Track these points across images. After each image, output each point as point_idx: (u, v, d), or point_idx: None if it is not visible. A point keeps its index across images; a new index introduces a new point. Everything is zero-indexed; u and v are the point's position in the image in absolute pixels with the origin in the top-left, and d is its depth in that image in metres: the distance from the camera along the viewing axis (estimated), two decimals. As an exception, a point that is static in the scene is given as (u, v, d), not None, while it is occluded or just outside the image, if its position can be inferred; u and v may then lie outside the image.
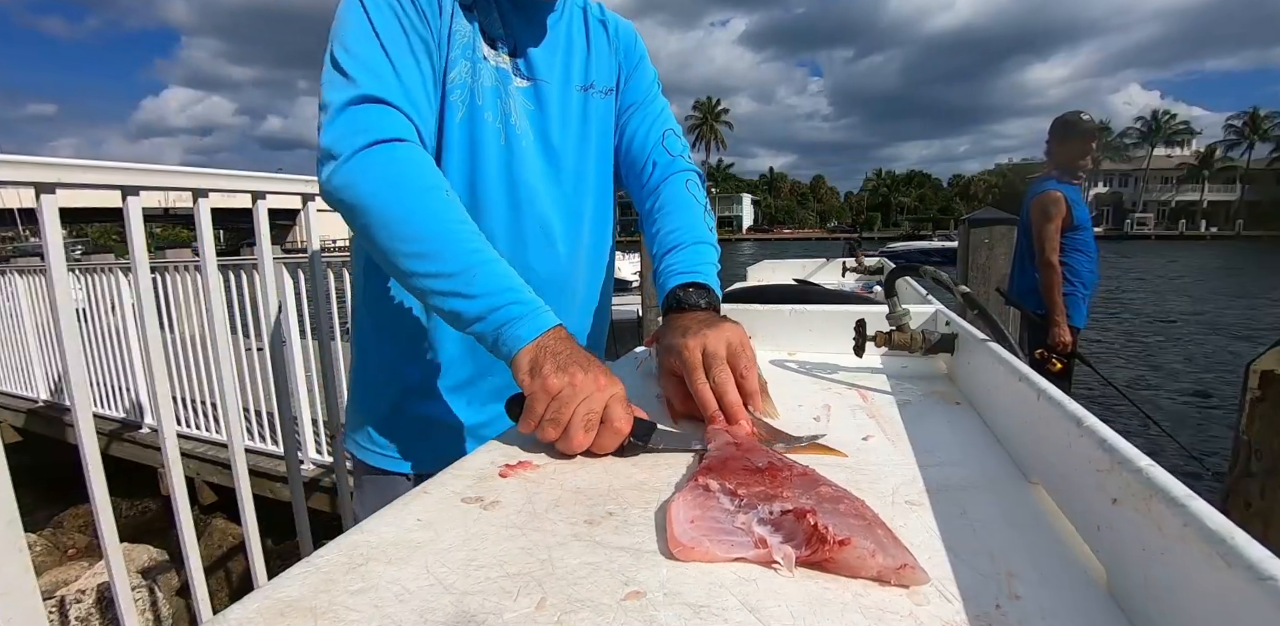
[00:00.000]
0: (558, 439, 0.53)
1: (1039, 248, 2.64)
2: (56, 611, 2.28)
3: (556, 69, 0.81)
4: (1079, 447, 0.40)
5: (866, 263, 2.84)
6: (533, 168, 0.78)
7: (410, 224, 0.60)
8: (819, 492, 0.41)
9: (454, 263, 0.59)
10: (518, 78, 0.77)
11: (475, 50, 0.73)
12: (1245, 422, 1.79)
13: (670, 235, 0.81)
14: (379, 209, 0.61)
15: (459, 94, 0.73)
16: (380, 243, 0.61)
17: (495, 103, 0.75)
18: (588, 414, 0.52)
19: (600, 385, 0.54)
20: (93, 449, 1.02)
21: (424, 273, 0.60)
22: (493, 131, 0.75)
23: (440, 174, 0.65)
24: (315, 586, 0.35)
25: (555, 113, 0.80)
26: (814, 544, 0.36)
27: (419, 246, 0.60)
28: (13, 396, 4.35)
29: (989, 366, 0.64)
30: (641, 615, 0.32)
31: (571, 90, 0.82)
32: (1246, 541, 0.25)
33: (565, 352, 0.56)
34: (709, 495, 0.43)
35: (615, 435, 0.53)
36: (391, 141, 0.63)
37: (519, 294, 0.60)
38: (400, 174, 0.62)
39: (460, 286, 0.59)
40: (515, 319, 0.58)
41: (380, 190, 0.61)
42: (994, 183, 72.79)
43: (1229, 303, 12.17)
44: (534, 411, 0.54)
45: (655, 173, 0.87)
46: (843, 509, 0.39)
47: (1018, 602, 0.33)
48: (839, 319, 0.94)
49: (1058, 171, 2.71)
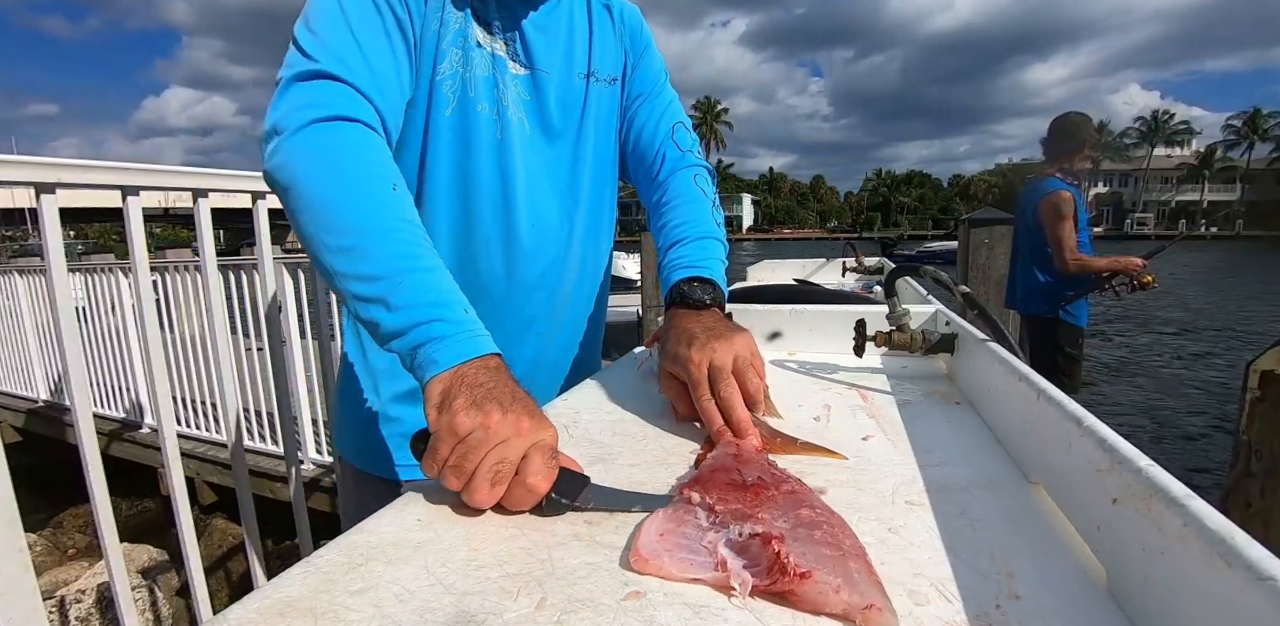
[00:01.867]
0: (462, 490, 0.44)
1: (1057, 249, 2.58)
2: (56, 611, 2.28)
3: (558, 57, 0.76)
4: (1079, 447, 0.40)
5: (866, 262, 2.84)
6: (529, 161, 0.74)
7: (340, 212, 0.53)
8: (798, 516, 0.39)
9: (381, 265, 0.52)
10: (515, 65, 0.73)
11: (468, 37, 0.69)
12: (1245, 422, 1.79)
13: (677, 229, 0.78)
14: (309, 190, 0.54)
15: (450, 85, 0.68)
16: (305, 230, 0.54)
17: (490, 93, 0.71)
18: (498, 464, 0.43)
19: (521, 429, 0.45)
20: (93, 449, 1.02)
21: (346, 272, 0.52)
22: (486, 123, 0.71)
23: (394, 166, 0.59)
24: (315, 586, 0.35)
25: (554, 102, 0.76)
26: (774, 573, 0.33)
27: (345, 240, 0.52)
28: (13, 396, 4.35)
29: (989, 366, 0.64)
30: (641, 615, 0.32)
31: (573, 78, 0.78)
32: (1246, 541, 0.25)
33: (486, 386, 0.47)
34: (689, 509, 0.41)
35: (527, 493, 0.43)
36: (341, 120, 0.57)
37: (448, 310, 0.51)
38: (342, 155, 0.56)
39: (383, 293, 0.51)
40: (436, 339, 0.49)
41: (315, 169, 0.54)
42: (994, 183, 72.78)
43: (1230, 303, 12.18)
44: (437, 453, 0.44)
45: (664, 167, 0.85)
46: (818, 536, 0.36)
47: (1018, 602, 0.33)
48: (839, 319, 0.94)
49: (1060, 171, 2.70)
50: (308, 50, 0.60)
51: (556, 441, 0.47)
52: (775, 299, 1.07)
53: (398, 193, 0.56)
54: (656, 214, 0.83)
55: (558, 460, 0.45)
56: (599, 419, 0.65)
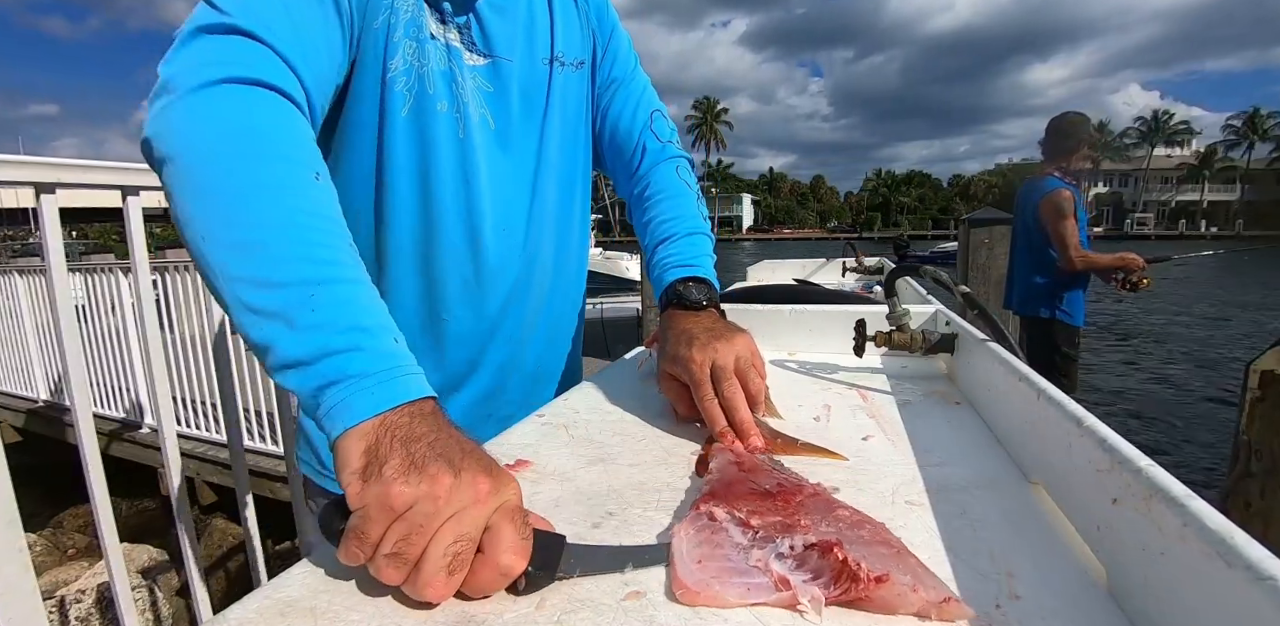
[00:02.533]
0: (403, 582, 0.33)
1: (1061, 247, 2.58)
2: (56, 611, 2.28)
3: (519, 43, 0.70)
4: (1079, 447, 0.40)
5: (866, 262, 2.84)
6: (493, 159, 0.69)
7: (240, 197, 0.41)
8: (838, 517, 0.37)
9: (287, 270, 0.40)
10: (472, 54, 0.66)
11: (421, 28, 0.62)
12: (1245, 422, 1.79)
13: (665, 225, 0.76)
14: (201, 166, 0.42)
15: (405, 82, 0.62)
16: (187, 213, 0.41)
17: (448, 89, 0.64)
18: (456, 543, 0.32)
19: (480, 493, 0.34)
20: (93, 449, 1.02)
21: (237, 274, 0.40)
22: (447, 123, 0.64)
23: (316, 150, 0.47)
24: (315, 586, 0.35)
25: (518, 92, 0.70)
26: (844, 582, 0.32)
27: (242, 233, 0.40)
28: (13, 396, 4.35)
29: (989, 366, 0.64)
30: (641, 615, 0.32)
31: (536, 65, 0.72)
32: (1246, 541, 0.25)
33: (426, 438, 0.36)
34: (716, 527, 0.38)
35: (499, 576, 0.33)
36: (254, 84, 0.46)
37: (371, 338, 0.39)
38: (251, 127, 0.44)
39: (286, 306, 0.39)
40: (354, 378, 0.37)
41: (213, 141, 0.43)
42: (994, 183, 72.83)
43: (1230, 303, 12.18)
44: (365, 536, 0.33)
45: (645, 159, 0.81)
46: (867, 536, 0.35)
47: (1018, 602, 0.33)
48: (839, 319, 0.94)
49: (1058, 170, 2.70)
50: (218, 3, 0.48)
51: (521, 498, 0.37)
52: (775, 299, 1.07)
53: (320, 183, 0.44)
54: (640, 208, 0.80)
55: (529, 524, 0.36)
56: (599, 419, 0.65)
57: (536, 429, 0.62)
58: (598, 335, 5.12)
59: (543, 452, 0.55)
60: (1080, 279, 2.69)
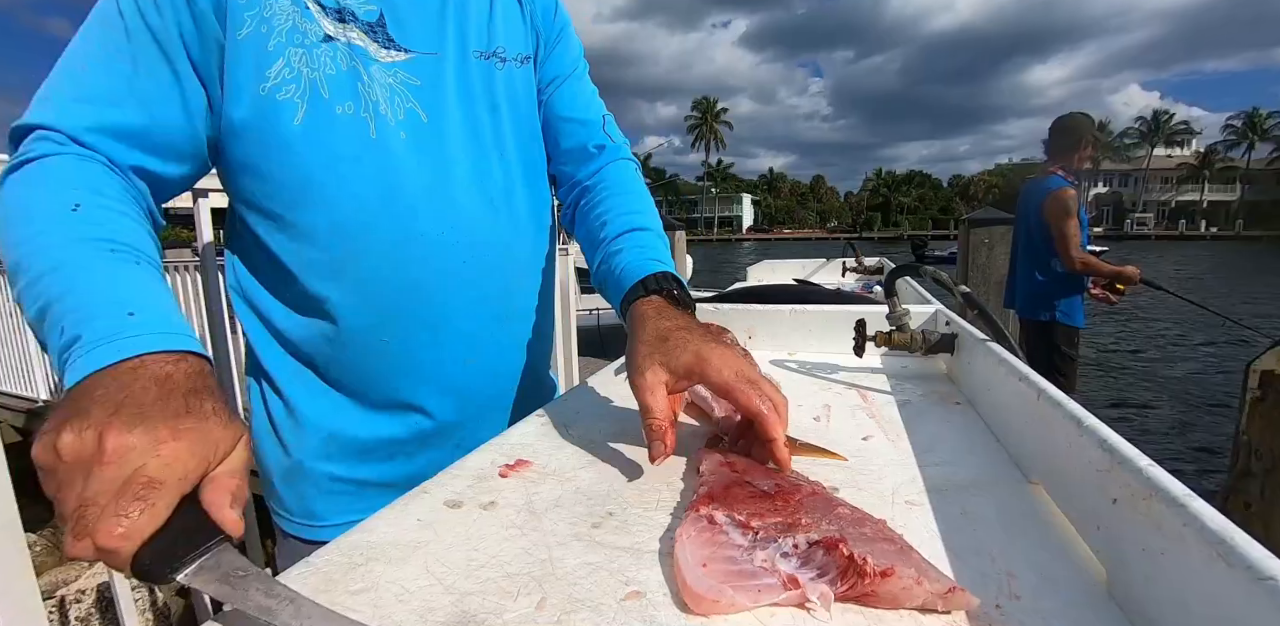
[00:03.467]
0: None
1: (1063, 245, 2.58)
2: (56, 611, 2.28)
3: (449, 36, 0.66)
4: (1079, 447, 0.40)
5: (866, 262, 2.84)
6: (429, 157, 0.64)
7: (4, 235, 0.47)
8: (839, 515, 0.37)
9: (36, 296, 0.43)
10: (389, 51, 0.63)
11: (307, 34, 0.59)
12: (1245, 422, 1.79)
13: (633, 216, 0.71)
14: None
15: (292, 91, 0.59)
16: None
17: (351, 90, 0.60)
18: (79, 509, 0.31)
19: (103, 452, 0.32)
20: (93, 449, 1.02)
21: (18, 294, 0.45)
22: (353, 126, 0.61)
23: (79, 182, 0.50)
24: (315, 586, 0.35)
25: (451, 87, 0.66)
26: (850, 577, 0.32)
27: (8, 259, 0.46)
28: (13, 396, 4.35)
29: (989, 366, 0.64)
30: (641, 615, 0.32)
31: (469, 59, 0.68)
32: (1246, 541, 0.25)
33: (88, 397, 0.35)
34: (715, 529, 0.38)
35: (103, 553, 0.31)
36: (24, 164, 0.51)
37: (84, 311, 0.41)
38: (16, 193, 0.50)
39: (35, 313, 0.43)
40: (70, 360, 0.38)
41: None
42: (994, 183, 72.87)
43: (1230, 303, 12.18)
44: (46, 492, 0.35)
45: (603, 154, 0.76)
46: (869, 533, 0.35)
47: (1018, 602, 0.33)
48: (839, 319, 0.94)
49: (1061, 169, 2.70)
50: None
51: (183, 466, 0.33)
52: (775, 299, 1.07)
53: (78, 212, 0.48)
54: (597, 196, 0.74)
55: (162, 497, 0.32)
56: (599, 419, 0.65)
57: (536, 429, 0.62)
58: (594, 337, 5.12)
59: (543, 452, 0.55)
60: (1080, 280, 2.69)
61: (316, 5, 0.60)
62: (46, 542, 3.23)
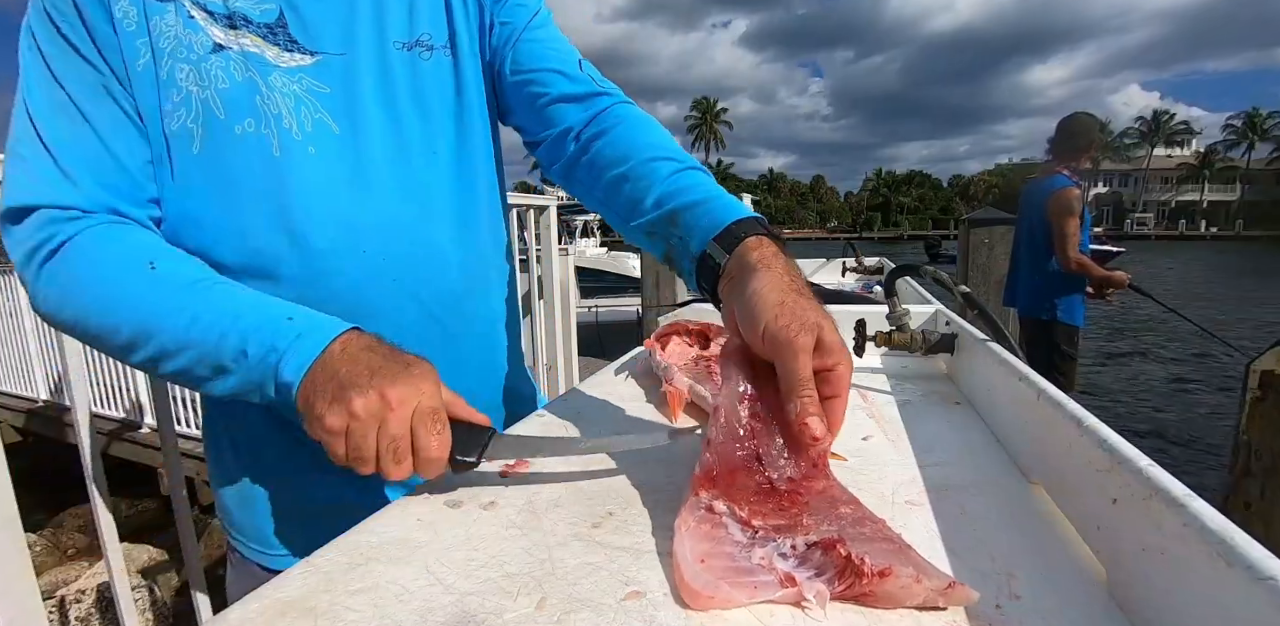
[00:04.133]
0: (372, 472, 0.45)
1: (1061, 245, 2.59)
2: (56, 611, 2.28)
3: (362, 31, 0.59)
4: (1079, 447, 0.40)
5: (866, 262, 2.84)
6: (340, 175, 0.57)
7: (118, 323, 0.50)
8: (840, 515, 0.37)
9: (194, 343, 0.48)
10: (292, 55, 0.57)
11: (191, 48, 0.54)
12: (1245, 422, 1.79)
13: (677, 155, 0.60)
14: (84, 322, 0.51)
15: (185, 116, 0.54)
16: (110, 352, 0.52)
17: (248, 105, 0.55)
18: (391, 444, 0.43)
19: (389, 402, 0.43)
20: (93, 449, 1.02)
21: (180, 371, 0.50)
22: (254, 144, 0.55)
23: (141, 245, 0.52)
24: (315, 586, 0.35)
25: (369, 89, 0.59)
26: (848, 577, 0.32)
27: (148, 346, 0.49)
28: (13, 396, 4.35)
29: (989, 366, 0.64)
30: (641, 615, 0.32)
31: (390, 52, 0.61)
32: (1246, 541, 0.25)
33: (338, 375, 0.45)
34: (715, 521, 0.37)
35: (430, 464, 0.44)
36: (61, 246, 0.51)
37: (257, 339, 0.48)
38: (84, 276, 0.51)
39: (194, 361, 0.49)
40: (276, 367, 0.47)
41: (74, 304, 0.51)
42: (994, 183, 72.88)
43: (1231, 303, 12.18)
44: (334, 454, 0.45)
45: (594, 100, 0.65)
46: (869, 533, 0.35)
47: (1018, 602, 0.33)
48: (839, 319, 0.93)
49: (1067, 169, 2.71)
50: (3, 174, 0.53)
51: (437, 396, 0.46)
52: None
53: (155, 271, 0.51)
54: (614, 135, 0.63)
55: (444, 418, 0.45)
56: (599, 419, 0.65)
57: (536, 429, 0.62)
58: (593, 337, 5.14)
59: (542, 452, 0.55)
60: (1081, 279, 2.70)
61: (202, 12, 0.55)
62: (46, 542, 3.23)
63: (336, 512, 0.49)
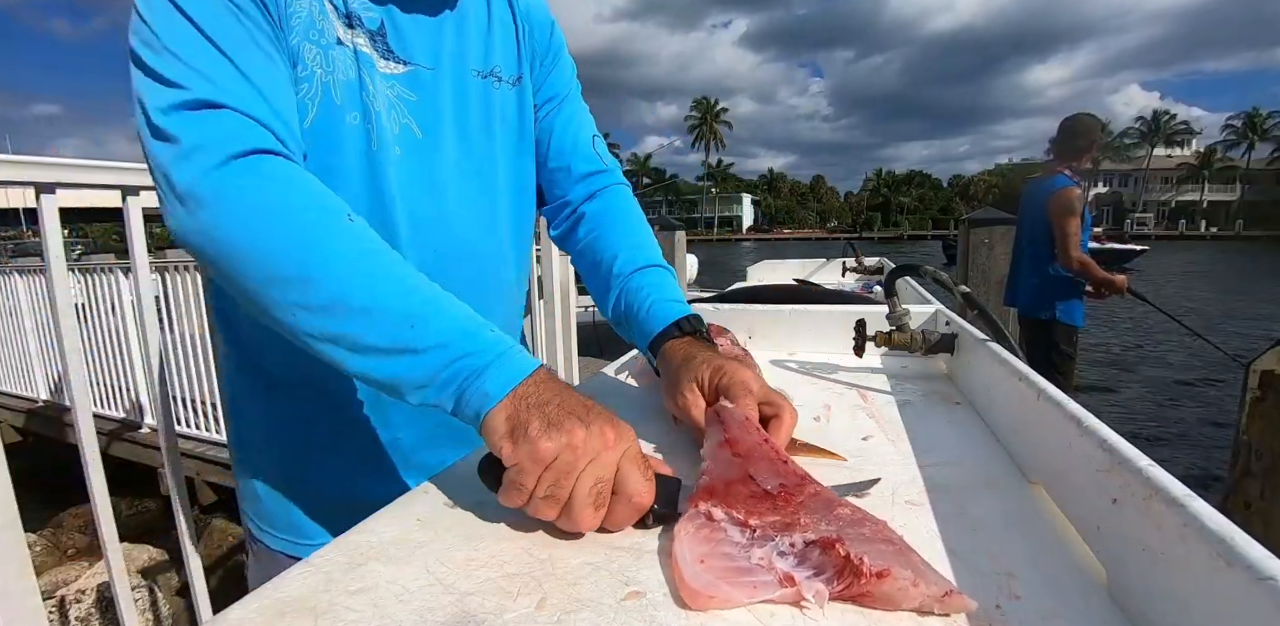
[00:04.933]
0: (558, 518, 0.41)
1: (1063, 244, 2.60)
2: (56, 611, 2.28)
3: (446, 52, 0.64)
4: (1079, 447, 0.40)
5: (866, 262, 2.84)
6: (421, 175, 0.62)
7: (312, 269, 0.44)
8: (838, 516, 0.37)
9: (391, 313, 0.44)
10: (389, 62, 0.61)
11: (323, 33, 0.56)
12: (1245, 422, 1.79)
13: (641, 252, 0.72)
14: (264, 254, 0.45)
15: (306, 89, 0.56)
16: (268, 299, 0.45)
17: (356, 98, 0.58)
18: (596, 484, 0.40)
19: (608, 441, 0.42)
20: (93, 449, 1.02)
21: (340, 331, 0.44)
22: (354, 136, 0.58)
23: (331, 194, 0.49)
24: (315, 586, 0.35)
25: (448, 104, 0.64)
26: (846, 577, 0.32)
27: (330, 298, 0.44)
28: (13, 396, 4.35)
29: (989, 366, 0.64)
30: (641, 615, 0.32)
31: (468, 77, 0.66)
32: (1246, 541, 0.25)
33: (554, 402, 0.43)
34: (714, 527, 0.38)
35: (633, 510, 0.41)
36: (254, 154, 0.47)
37: (477, 339, 0.45)
38: (282, 200, 0.46)
39: (403, 341, 0.44)
40: (479, 372, 0.44)
41: (259, 227, 0.45)
42: (994, 183, 72.87)
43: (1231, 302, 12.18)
44: (522, 487, 0.40)
45: (596, 178, 0.77)
46: (868, 533, 0.35)
47: (1018, 603, 0.33)
48: (839, 319, 0.94)
49: (1069, 169, 2.71)
50: (167, 76, 0.47)
51: (639, 446, 0.44)
52: (775, 299, 1.07)
53: (355, 221, 0.48)
54: (600, 228, 0.75)
55: (651, 467, 0.43)
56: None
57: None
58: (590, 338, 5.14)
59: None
60: (1081, 280, 2.70)
61: (330, 5, 0.57)
62: (46, 542, 3.23)
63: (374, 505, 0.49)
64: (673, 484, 0.44)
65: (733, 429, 0.49)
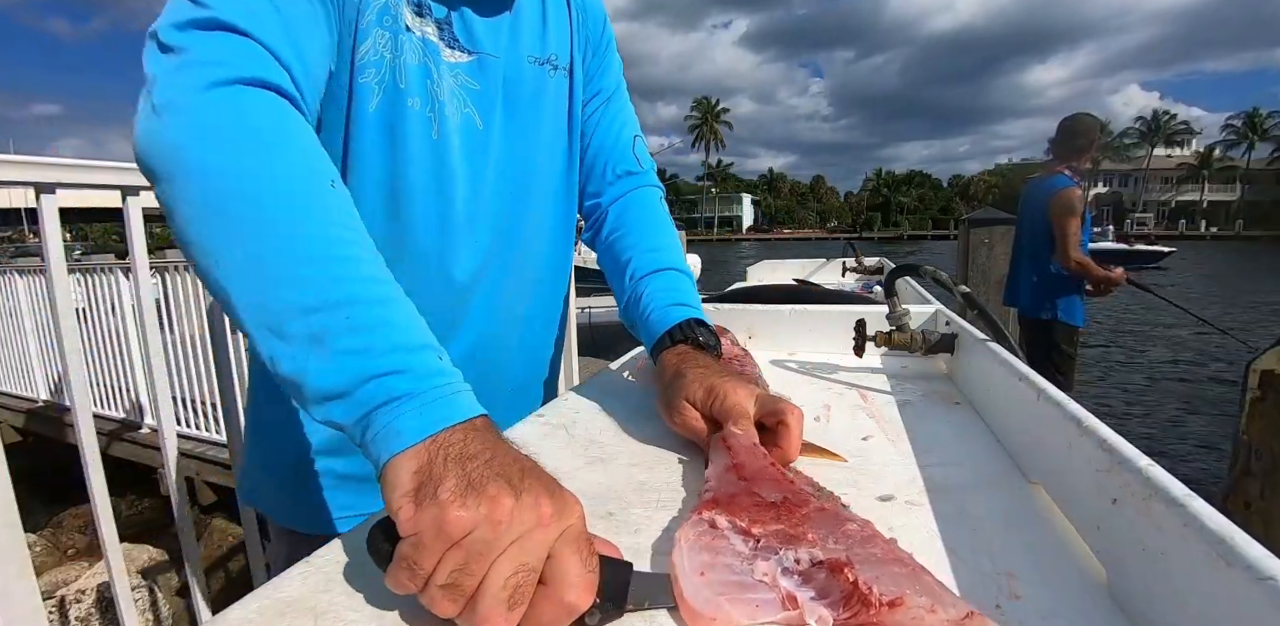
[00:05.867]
0: (460, 615, 0.30)
1: (1063, 244, 2.60)
2: (56, 611, 2.28)
3: (504, 39, 0.64)
4: (1079, 447, 0.40)
5: (866, 262, 2.84)
6: (475, 164, 0.63)
7: (260, 217, 0.38)
8: (847, 532, 0.35)
9: (318, 291, 0.37)
10: (453, 51, 0.60)
11: (397, 18, 0.56)
12: (1245, 422, 1.79)
13: (660, 254, 0.71)
14: (213, 182, 0.38)
15: (373, 74, 0.55)
16: (197, 235, 0.38)
17: (422, 85, 0.58)
18: (517, 574, 0.30)
19: (543, 517, 0.31)
20: (93, 449, 1.02)
21: (260, 301, 0.37)
22: (420, 123, 0.58)
23: (325, 153, 0.44)
24: (315, 586, 0.35)
25: (504, 92, 0.65)
26: (854, 605, 0.30)
27: (264, 257, 0.37)
28: (13, 396, 4.35)
29: (989, 366, 0.64)
30: (641, 615, 0.32)
31: (524, 64, 0.66)
32: (1246, 541, 0.25)
33: (483, 458, 0.33)
34: (717, 534, 0.36)
35: (563, 611, 0.30)
36: (251, 84, 0.42)
37: (415, 358, 0.37)
38: (258, 135, 0.41)
39: (320, 332, 0.36)
40: (401, 399, 0.35)
41: (220, 154, 0.39)
42: (994, 183, 72.89)
43: (1230, 303, 12.18)
44: (418, 565, 0.30)
45: (631, 178, 0.77)
46: (878, 553, 0.33)
47: (1018, 602, 0.33)
48: (839, 319, 0.94)
49: (1069, 169, 2.72)
50: None
51: (585, 521, 0.34)
52: (775, 299, 1.07)
53: (336, 190, 0.41)
54: (623, 228, 0.75)
55: (595, 552, 0.33)
56: (599, 419, 0.65)
57: (536, 429, 0.62)
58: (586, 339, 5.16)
59: (543, 452, 0.55)
60: (1081, 280, 2.71)
61: None
62: (46, 542, 3.23)
63: None
64: (623, 571, 0.33)
65: (740, 455, 0.46)
